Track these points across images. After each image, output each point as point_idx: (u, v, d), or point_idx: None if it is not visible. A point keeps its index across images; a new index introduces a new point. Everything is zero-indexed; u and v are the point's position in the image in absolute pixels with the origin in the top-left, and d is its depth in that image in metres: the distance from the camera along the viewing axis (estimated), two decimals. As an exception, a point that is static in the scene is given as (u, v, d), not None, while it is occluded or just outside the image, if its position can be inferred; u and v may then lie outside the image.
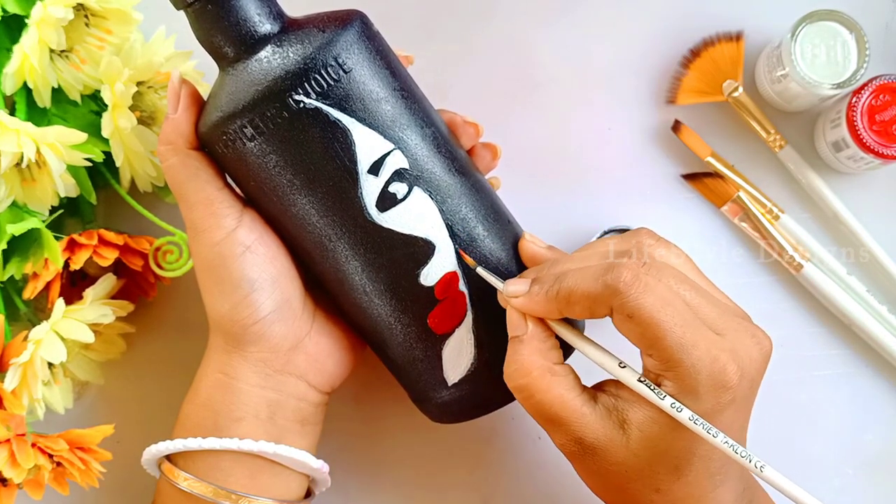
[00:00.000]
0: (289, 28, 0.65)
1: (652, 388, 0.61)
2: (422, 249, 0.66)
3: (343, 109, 0.64)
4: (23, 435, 0.69)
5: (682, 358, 0.59)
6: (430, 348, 0.68)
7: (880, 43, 0.82)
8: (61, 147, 0.71)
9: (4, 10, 0.73)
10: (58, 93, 0.75)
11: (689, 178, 0.82)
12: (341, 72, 0.63)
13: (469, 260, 0.67)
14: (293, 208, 0.66)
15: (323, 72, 0.63)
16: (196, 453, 0.67)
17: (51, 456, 0.69)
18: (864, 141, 0.76)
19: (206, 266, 0.67)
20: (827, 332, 0.81)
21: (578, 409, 0.63)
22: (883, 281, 0.81)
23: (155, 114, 0.76)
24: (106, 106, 0.73)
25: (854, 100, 0.77)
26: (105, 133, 0.73)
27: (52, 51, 0.73)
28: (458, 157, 0.69)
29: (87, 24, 0.74)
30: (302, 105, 0.63)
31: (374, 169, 0.64)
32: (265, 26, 0.64)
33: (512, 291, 0.65)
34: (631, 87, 0.83)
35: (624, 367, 0.63)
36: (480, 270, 0.66)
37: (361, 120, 0.64)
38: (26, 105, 0.74)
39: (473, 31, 0.83)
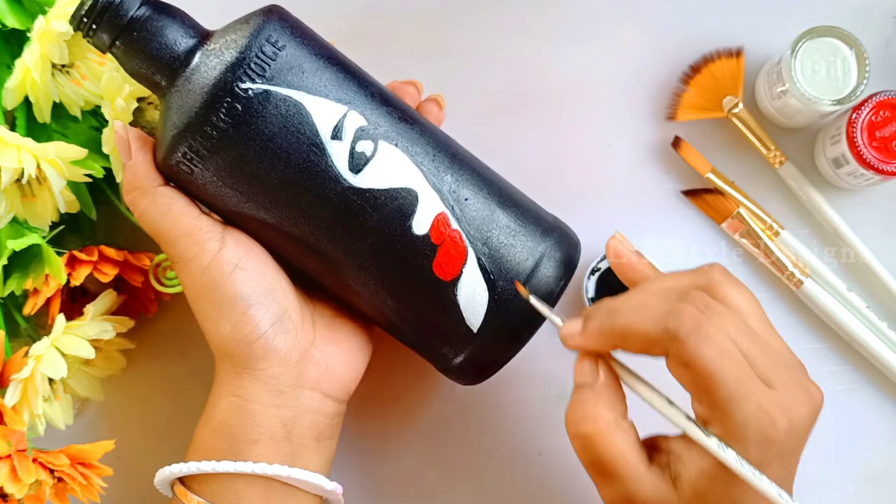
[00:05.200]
0: (209, 35, 0.67)
1: (708, 434, 0.60)
2: (406, 200, 0.67)
3: (289, 85, 0.65)
4: (24, 450, 0.69)
5: (734, 410, 0.59)
6: (446, 299, 0.68)
7: (880, 59, 0.82)
8: (62, 163, 0.71)
9: (3, 25, 0.73)
10: (58, 108, 0.75)
11: (689, 194, 0.82)
12: (276, 50, 0.65)
13: (522, 290, 0.68)
14: (272, 202, 0.67)
15: (260, 54, 0.65)
16: (210, 476, 0.67)
17: (52, 471, 0.70)
18: (864, 157, 0.77)
19: (200, 293, 0.67)
20: (827, 348, 0.81)
21: (635, 467, 0.62)
22: (883, 297, 0.81)
23: (155, 130, 0.76)
24: (106, 122, 0.73)
25: (854, 116, 0.77)
26: (105, 149, 0.73)
27: (53, 65, 0.73)
28: (408, 109, 0.70)
29: (88, 40, 0.74)
30: (251, 92, 0.64)
31: (337, 133, 0.66)
32: (190, 39, 0.66)
33: (567, 333, 0.65)
34: (631, 103, 0.83)
35: (676, 409, 0.62)
36: (534, 301, 0.67)
37: (309, 90, 0.66)
38: (26, 120, 0.75)
39: (474, 47, 0.83)
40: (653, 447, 0.64)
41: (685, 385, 0.61)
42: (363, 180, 0.66)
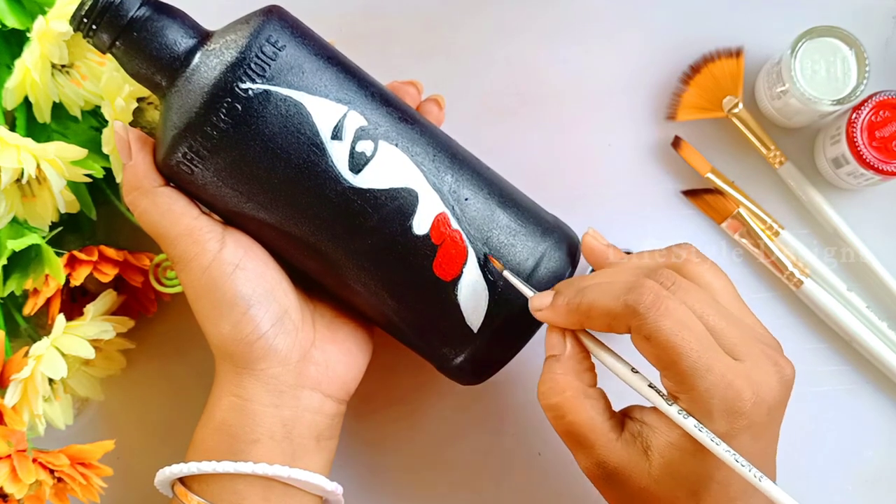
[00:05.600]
0: (209, 36, 0.67)
1: (669, 402, 0.61)
2: (406, 200, 0.67)
3: (289, 85, 0.65)
4: (24, 450, 0.69)
5: (697, 382, 0.60)
6: (446, 299, 0.68)
7: (880, 59, 0.82)
8: (61, 163, 0.71)
9: (3, 25, 0.73)
10: (58, 108, 0.75)
11: (689, 194, 0.82)
12: (276, 50, 0.65)
13: (497, 264, 0.68)
14: (272, 202, 0.67)
15: (260, 54, 0.65)
16: (210, 476, 0.67)
17: (52, 471, 0.69)
18: (864, 157, 0.77)
19: (200, 293, 0.67)
20: (827, 348, 0.81)
21: (606, 434, 0.63)
22: (883, 297, 0.81)
23: (155, 130, 0.76)
24: (106, 122, 0.73)
25: (854, 116, 0.77)
26: (105, 149, 0.73)
27: (53, 66, 0.73)
28: (408, 110, 0.70)
29: (87, 40, 0.74)
30: (251, 92, 0.64)
31: (337, 133, 0.66)
32: (190, 40, 0.66)
33: (536, 305, 0.66)
34: (631, 103, 0.83)
35: (640, 376, 0.63)
36: (507, 274, 0.68)
37: (309, 90, 0.66)
38: (26, 120, 0.75)
39: (474, 47, 0.83)
40: (627, 417, 0.65)
41: (650, 360, 0.62)
42: (363, 180, 0.66)
